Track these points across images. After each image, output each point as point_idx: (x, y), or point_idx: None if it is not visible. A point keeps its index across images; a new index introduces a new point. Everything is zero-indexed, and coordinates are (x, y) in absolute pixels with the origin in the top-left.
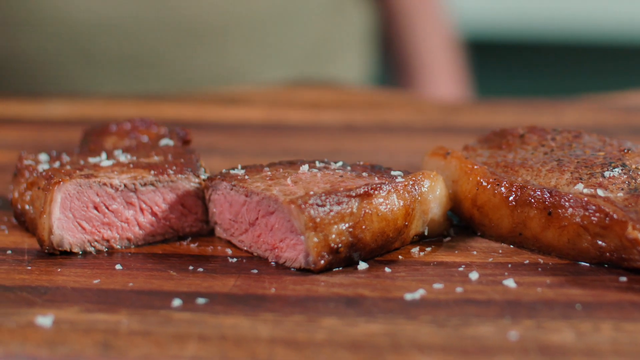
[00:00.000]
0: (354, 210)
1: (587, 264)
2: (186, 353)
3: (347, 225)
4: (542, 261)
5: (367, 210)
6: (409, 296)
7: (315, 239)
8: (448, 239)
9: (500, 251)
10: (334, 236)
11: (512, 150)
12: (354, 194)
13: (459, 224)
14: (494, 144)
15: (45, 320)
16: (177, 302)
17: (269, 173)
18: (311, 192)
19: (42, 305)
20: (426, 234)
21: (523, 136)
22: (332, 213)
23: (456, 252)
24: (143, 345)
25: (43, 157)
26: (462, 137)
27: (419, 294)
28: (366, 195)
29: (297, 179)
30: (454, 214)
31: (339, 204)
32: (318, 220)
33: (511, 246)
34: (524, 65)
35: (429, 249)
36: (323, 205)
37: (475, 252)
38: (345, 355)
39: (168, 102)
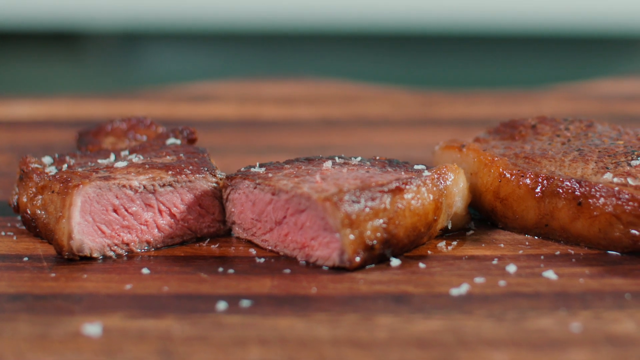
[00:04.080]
0: (387, 205)
1: (618, 253)
2: (251, 357)
3: (381, 221)
4: (572, 252)
5: (399, 205)
6: (455, 291)
7: (352, 236)
8: (471, 232)
9: (527, 243)
10: (369, 233)
11: (527, 141)
12: (386, 189)
13: (477, 216)
14: (506, 136)
15: (93, 328)
16: (222, 305)
17: (292, 170)
18: (344, 189)
19: (82, 313)
20: (449, 227)
21: (535, 127)
22: (366, 209)
23: (483, 245)
24: (204, 350)
25: (47, 159)
26: (445, 129)
27: (464, 288)
28: (398, 190)
29: (324, 176)
30: (472, 206)
31: (373, 199)
32: (354, 217)
33: (536, 237)
34: (491, 56)
35: (454, 243)
36: (358, 202)
37: (502, 245)
38: (415, 353)
39: (136, 99)
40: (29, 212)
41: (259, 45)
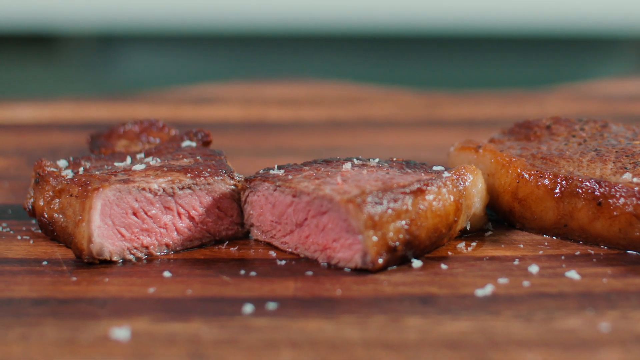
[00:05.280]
0: (409, 207)
1: (638, 253)
2: None
3: (403, 222)
4: (592, 252)
5: (421, 207)
6: (480, 292)
7: (374, 238)
8: (489, 233)
9: (546, 243)
10: (391, 234)
11: (543, 141)
12: (408, 191)
13: (493, 217)
14: (521, 136)
15: (122, 332)
16: (248, 308)
17: (311, 172)
18: (367, 190)
19: (109, 317)
20: (468, 229)
21: (550, 127)
22: (389, 211)
23: (502, 246)
24: (235, 354)
25: (62, 163)
26: (451, 130)
27: (489, 289)
28: (419, 192)
29: (345, 177)
30: (489, 207)
31: (395, 201)
32: (377, 218)
33: (554, 238)
34: (493, 57)
35: (474, 243)
36: (380, 203)
37: (521, 246)
38: (447, 354)
39: (140, 102)
40: (46, 215)
41: (261, 47)
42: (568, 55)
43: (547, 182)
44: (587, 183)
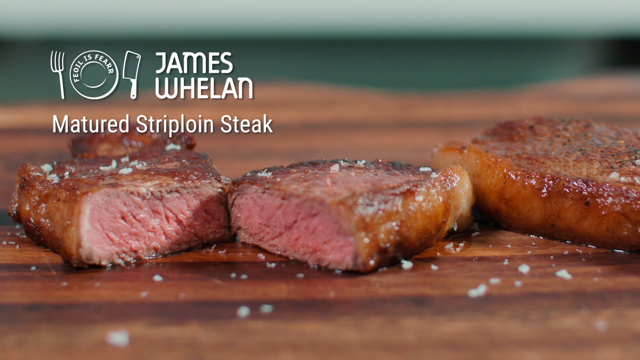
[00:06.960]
0: (400, 208)
1: (625, 252)
2: None
3: (394, 223)
4: (580, 251)
5: (411, 208)
6: (473, 292)
7: (366, 240)
8: (476, 233)
9: (534, 243)
10: (382, 236)
11: (527, 142)
12: (398, 192)
13: (479, 217)
14: (505, 137)
15: (120, 337)
16: (244, 311)
17: (299, 174)
18: (357, 192)
19: (104, 322)
20: (455, 229)
21: (533, 127)
22: (380, 212)
23: (490, 246)
24: (235, 357)
25: (46, 167)
26: (426, 131)
27: (481, 290)
28: (409, 193)
29: (334, 179)
30: (474, 208)
31: (385, 202)
32: (368, 220)
33: (541, 237)
34: (465, 58)
35: (462, 244)
36: (371, 205)
37: (509, 246)
38: (447, 355)
39: (113, 105)
40: (32, 220)
41: (232, 50)
42: (535, 55)
43: (534, 182)
44: (575, 183)
